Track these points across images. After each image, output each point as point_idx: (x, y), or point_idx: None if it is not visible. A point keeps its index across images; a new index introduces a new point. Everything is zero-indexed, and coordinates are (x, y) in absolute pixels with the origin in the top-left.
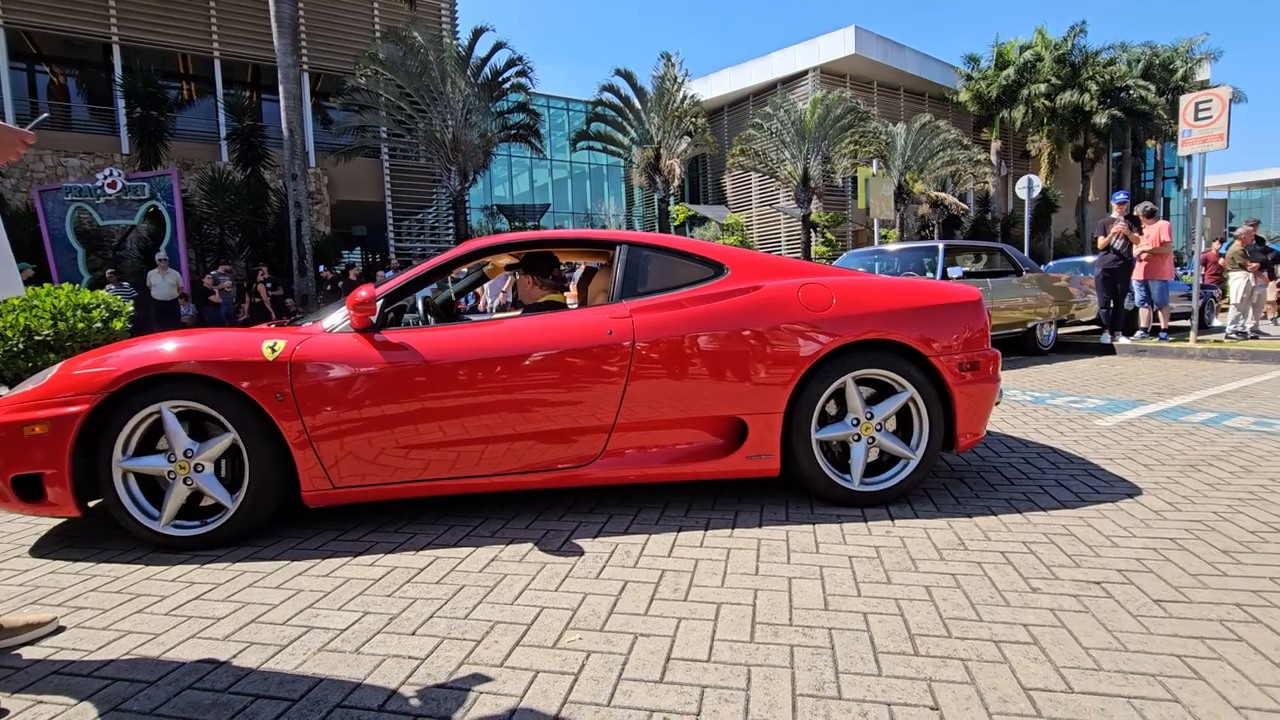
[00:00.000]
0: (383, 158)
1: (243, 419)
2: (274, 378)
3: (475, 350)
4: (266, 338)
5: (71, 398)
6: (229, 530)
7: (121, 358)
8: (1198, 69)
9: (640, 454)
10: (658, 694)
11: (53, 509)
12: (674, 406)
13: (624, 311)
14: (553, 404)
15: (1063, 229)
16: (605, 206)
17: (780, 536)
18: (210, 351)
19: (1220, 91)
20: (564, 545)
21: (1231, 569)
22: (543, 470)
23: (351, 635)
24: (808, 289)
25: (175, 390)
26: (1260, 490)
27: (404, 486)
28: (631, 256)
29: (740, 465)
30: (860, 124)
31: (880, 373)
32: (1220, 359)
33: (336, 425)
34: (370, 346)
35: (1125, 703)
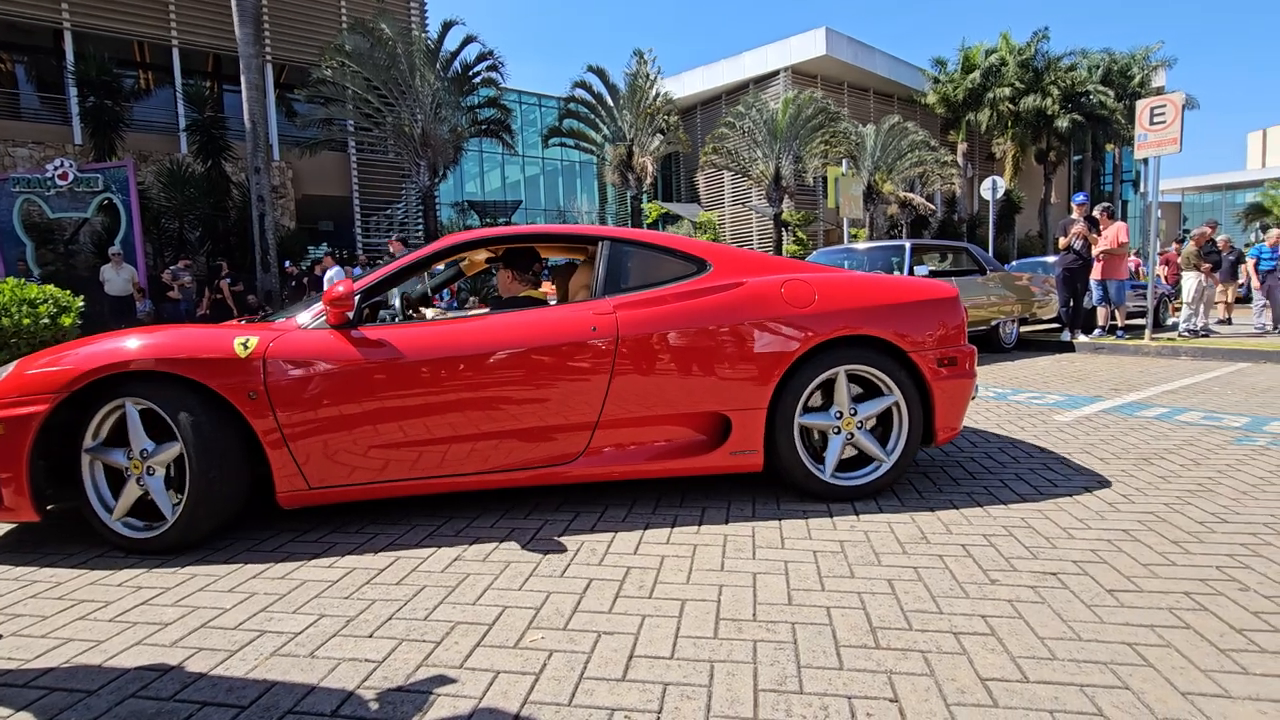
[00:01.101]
0: (350, 152)
1: (207, 418)
2: (246, 375)
3: (457, 347)
4: (238, 334)
5: (30, 397)
6: (178, 535)
7: (82, 355)
8: (1153, 75)
9: (623, 451)
10: (619, 692)
11: (8, 514)
12: (658, 403)
13: (607, 308)
14: (536, 401)
15: (1026, 229)
16: (578, 204)
17: (746, 532)
18: (177, 348)
19: (1174, 97)
20: (529, 543)
21: (1181, 559)
22: (527, 468)
23: (306, 639)
24: (790, 285)
25: (140, 388)
26: (1208, 482)
27: (385, 486)
28: (614, 253)
29: (724, 461)
30: (831, 124)
31: (861, 369)
32: (1173, 356)
33: (313, 424)
34: (348, 343)
35: (1078, 691)
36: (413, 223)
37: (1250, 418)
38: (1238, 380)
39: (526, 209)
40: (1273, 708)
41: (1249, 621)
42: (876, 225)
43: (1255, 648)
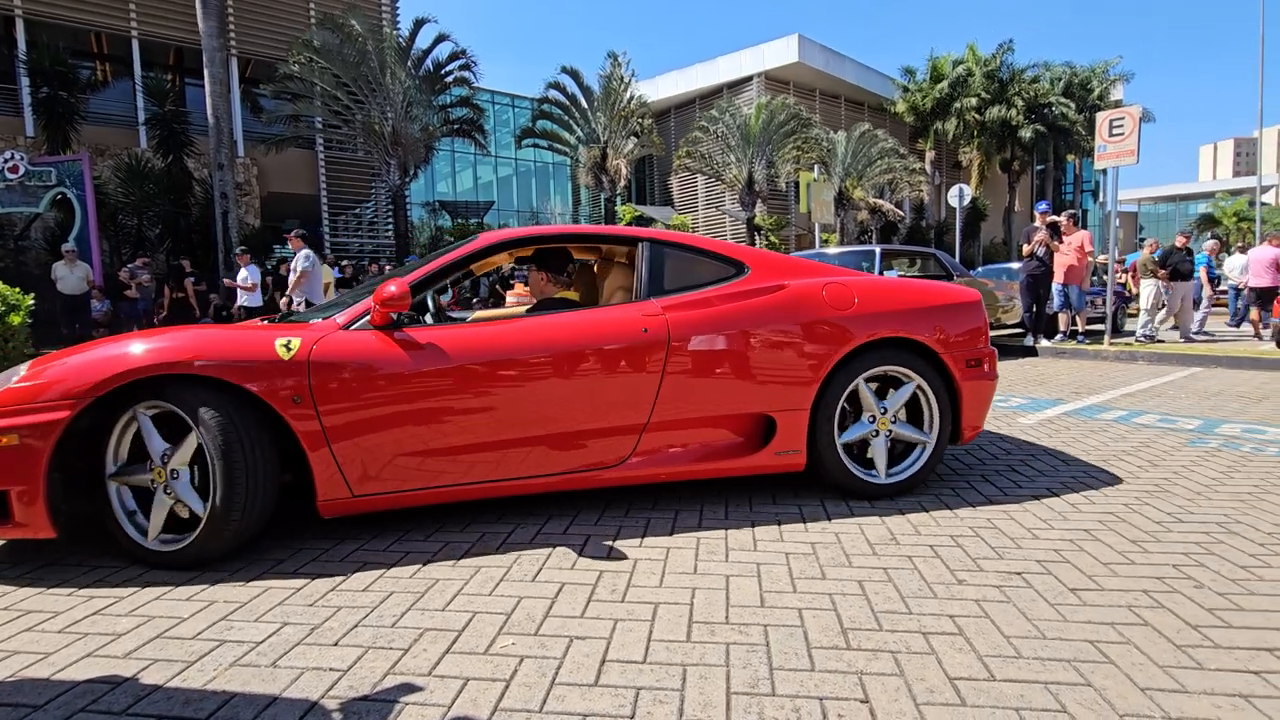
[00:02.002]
0: (318, 149)
1: (243, 424)
2: (290, 379)
3: (507, 349)
4: (277, 334)
5: (50, 402)
6: (206, 546)
7: (111, 355)
8: (1112, 89)
9: (670, 453)
10: (591, 698)
11: (20, 530)
12: (706, 404)
13: (656, 309)
14: (588, 403)
15: (991, 236)
16: (551, 205)
17: (719, 535)
18: (215, 349)
19: (1132, 110)
20: (500, 548)
21: (1139, 557)
22: (576, 471)
23: (268, 648)
24: (831, 288)
25: (169, 393)
26: (1164, 483)
27: (431, 493)
28: (654, 254)
29: (768, 461)
30: (803, 130)
31: (897, 369)
32: (1131, 360)
33: (359, 430)
34: (395, 345)
35: (1043, 689)
36: (382, 222)
37: (1203, 420)
38: (1191, 384)
39: (499, 210)
40: (1226, 702)
41: (1204, 618)
42: (847, 230)
43: (1210, 643)
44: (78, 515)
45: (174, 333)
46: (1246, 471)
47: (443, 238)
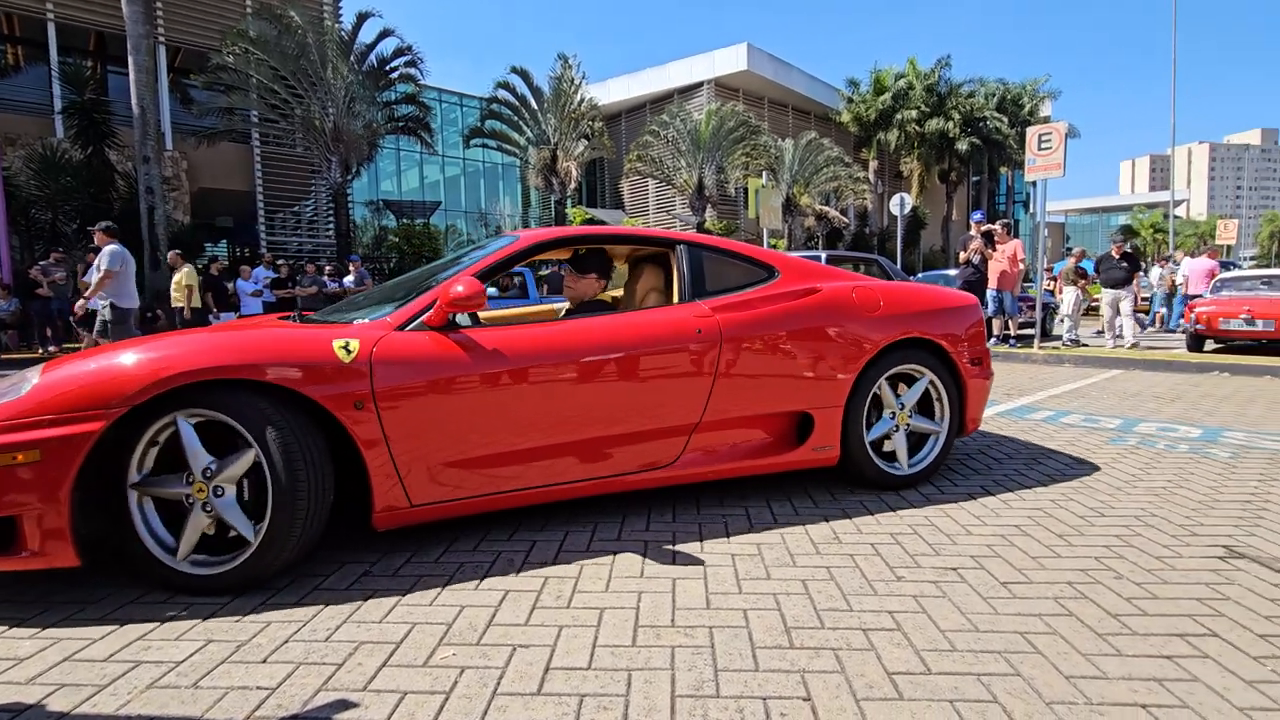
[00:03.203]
0: (253, 144)
1: (298, 431)
2: (351, 382)
3: (566, 349)
4: (333, 335)
5: (78, 413)
6: (256, 567)
7: (152, 359)
8: (1041, 105)
9: (717, 451)
10: (534, 707)
11: (36, 560)
12: (752, 403)
13: (705, 310)
14: (645, 404)
15: (930, 244)
16: (500, 206)
17: (666, 537)
18: (268, 350)
19: (1059, 126)
20: (442, 556)
21: (1065, 551)
22: (631, 472)
23: (189, 668)
24: (859, 291)
25: (219, 401)
26: (1088, 479)
27: (489, 499)
28: (693, 257)
29: (806, 457)
30: (752, 137)
31: (914, 368)
32: (1058, 363)
33: (421, 436)
34: (455, 346)
35: (975, 680)
36: (323, 221)
37: (1122, 419)
38: (1112, 385)
39: (446, 210)
40: (1143, 686)
41: (1123, 607)
42: (794, 236)
43: (1128, 631)
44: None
45: (212, 334)
46: (1161, 467)
47: (386, 238)
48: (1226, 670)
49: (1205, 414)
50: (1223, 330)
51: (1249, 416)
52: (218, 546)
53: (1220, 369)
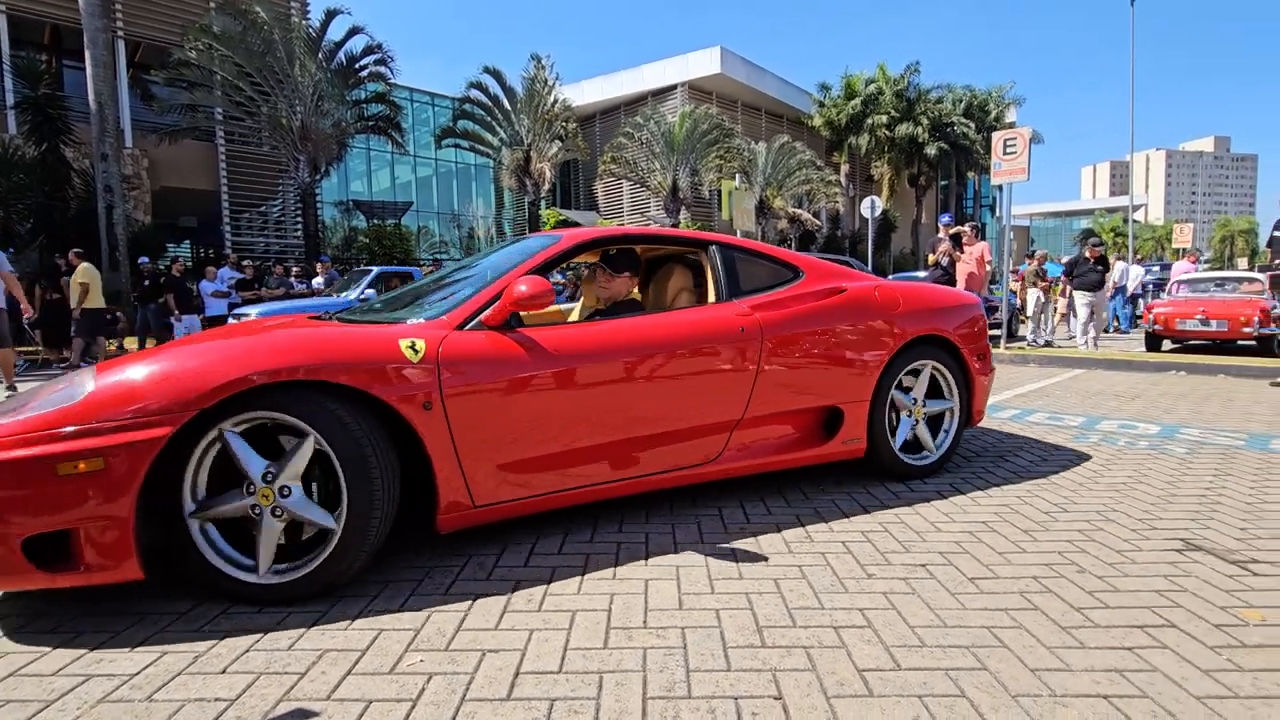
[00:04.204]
0: (218, 142)
1: (367, 433)
2: (420, 383)
3: (621, 348)
4: (398, 334)
5: (144, 418)
6: (328, 575)
7: (219, 359)
8: (1007, 112)
9: (755, 446)
10: (503, 712)
11: (98, 575)
12: (789, 399)
13: (745, 309)
14: (697, 401)
15: (900, 247)
16: (474, 208)
17: (639, 539)
18: (337, 350)
19: (1023, 131)
20: (411, 562)
21: (1030, 546)
22: (684, 468)
23: (143, 680)
24: (882, 290)
25: (281, 403)
26: (1053, 476)
27: (547, 499)
28: (726, 257)
29: (837, 449)
30: (725, 140)
31: (930, 362)
32: (1024, 363)
33: (485, 436)
34: (515, 345)
35: (944, 675)
36: (290, 221)
37: (1085, 417)
38: (1075, 385)
39: (418, 210)
40: (1104, 677)
41: (1085, 600)
42: (767, 238)
43: (1090, 624)
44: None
45: (271, 333)
46: (1121, 464)
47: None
48: (1184, 660)
49: (1163, 411)
50: (1179, 330)
51: (1205, 414)
52: (289, 552)
53: (1177, 368)
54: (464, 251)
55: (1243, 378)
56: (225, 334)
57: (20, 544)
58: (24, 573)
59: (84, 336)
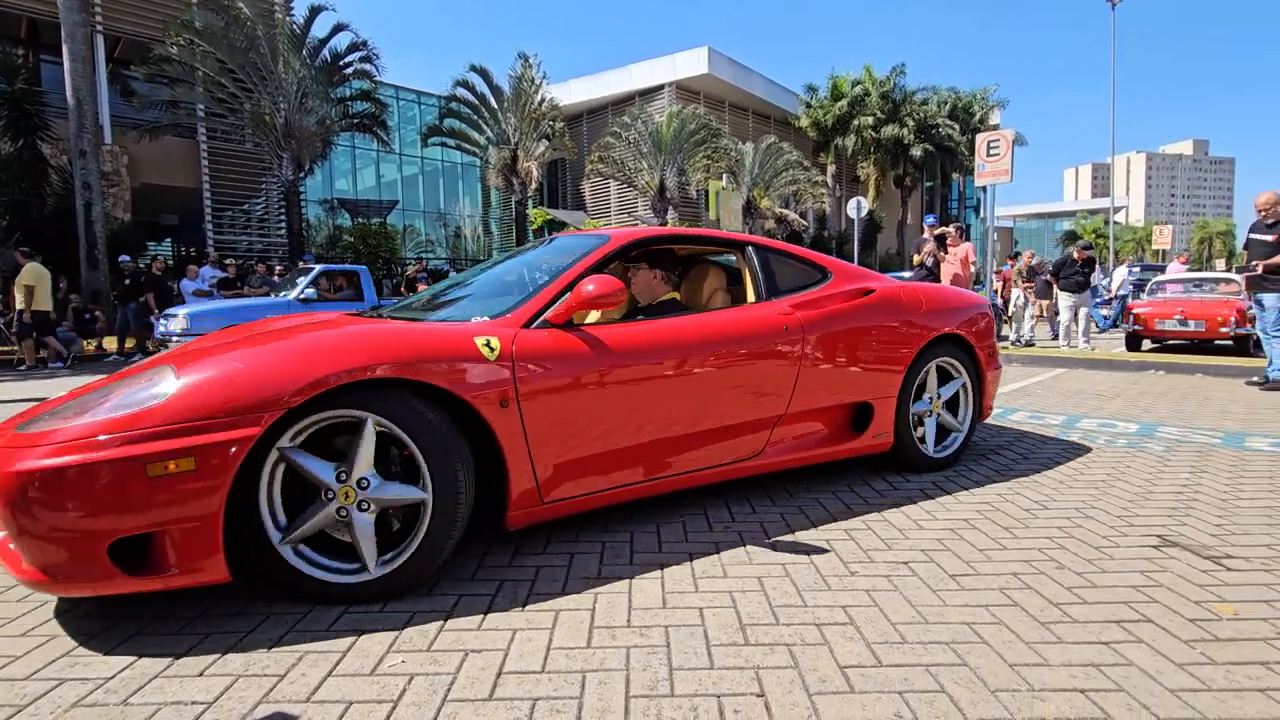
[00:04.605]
0: (200, 139)
1: (449, 432)
2: (497, 380)
3: (681, 346)
4: (472, 331)
5: (231, 417)
6: (410, 575)
7: (308, 358)
8: (991, 114)
9: (793, 441)
10: (485, 712)
11: (185, 578)
12: (826, 395)
13: (787, 308)
14: (747, 397)
15: (886, 247)
16: (460, 207)
17: (623, 539)
18: (419, 347)
19: (1006, 133)
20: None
21: (1010, 543)
22: (731, 463)
23: (118, 684)
24: (905, 291)
25: (359, 402)
26: (1033, 473)
27: (608, 494)
28: (763, 258)
29: (868, 443)
30: (713, 140)
31: (947, 360)
32: (1006, 362)
33: (555, 433)
34: (580, 343)
35: (924, 671)
36: (274, 220)
37: (1066, 416)
38: (1056, 384)
39: (404, 209)
40: (1081, 672)
41: (1064, 596)
42: None
43: (1069, 619)
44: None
45: (349, 330)
46: (1101, 462)
47: (341, 237)
48: (1159, 654)
49: (1142, 410)
50: (1158, 330)
51: (1183, 412)
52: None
53: (1157, 368)
54: (451, 251)
55: (1219, 377)
56: (295, 332)
57: (107, 548)
58: (110, 578)
59: (29, 337)
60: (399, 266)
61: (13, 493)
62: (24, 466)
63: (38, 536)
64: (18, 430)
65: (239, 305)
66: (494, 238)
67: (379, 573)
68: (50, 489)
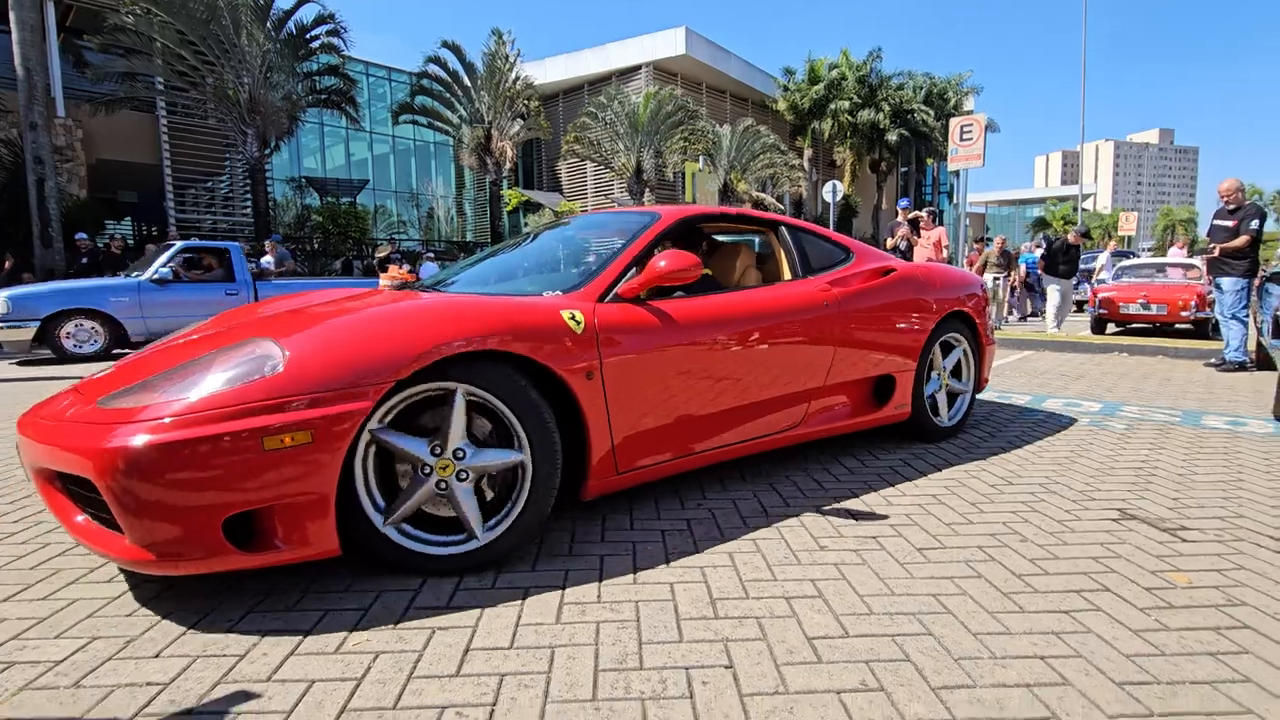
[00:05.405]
0: (159, 113)
1: (545, 404)
2: (584, 353)
3: (740, 319)
4: (557, 305)
5: (344, 390)
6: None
7: (413, 328)
8: (965, 100)
9: (825, 414)
10: (451, 689)
11: (298, 552)
12: (857, 367)
13: (823, 284)
14: (795, 369)
15: (861, 232)
16: (433, 187)
17: (596, 518)
18: (515, 320)
19: (979, 117)
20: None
21: (976, 517)
22: (777, 432)
23: (69, 667)
24: (921, 270)
25: (454, 374)
26: (1001, 450)
27: (675, 463)
28: (795, 238)
29: (890, 413)
30: (690, 122)
31: (953, 334)
32: None
33: (632, 405)
34: (652, 317)
35: (890, 640)
36: (239, 198)
37: (1032, 395)
38: (1023, 365)
39: (375, 189)
40: (1042, 639)
41: (1026, 568)
42: None
43: (1030, 590)
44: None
45: (446, 302)
46: (1065, 439)
47: (310, 217)
48: (1116, 621)
49: (1105, 390)
50: (1123, 314)
51: (1144, 392)
52: (447, 525)
53: (1120, 349)
54: (423, 232)
55: (1179, 358)
56: (390, 300)
57: (222, 523)
58: (223, 554)
59: None
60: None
61: (120, 469)
62: (134, 442)
63: (150, 514)
64: (101, 405)
65: (71, 288)
66: (468, 219)
67: (486, 539)
68: (167, 464)
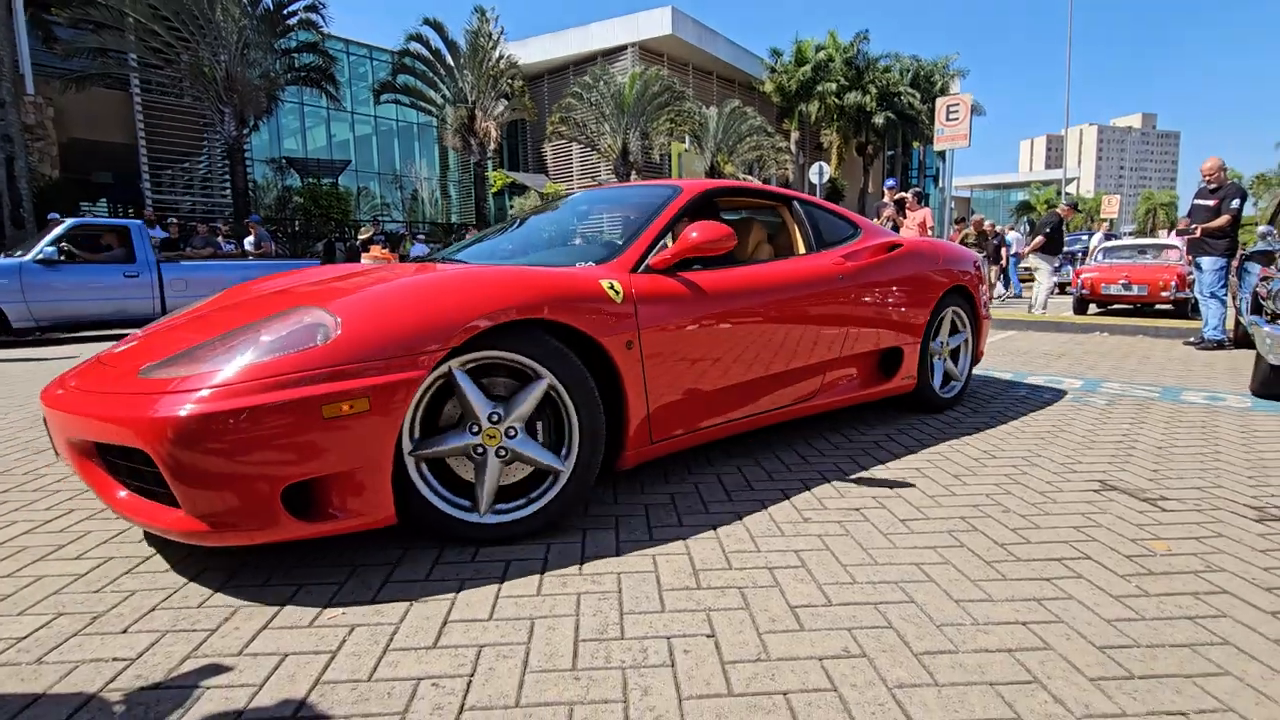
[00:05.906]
0: (133, 91)
1: (587, 373)
2: (623, 323)
3: (768, 290)
4: (596, 274)
5: (399, 358)
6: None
7: (480, 295)
8: (951, 83)
9: (839, 385)
10: (428, 660)
11: (351, 522)
12: (868, 340)
13: (837, 258)
14: (815, 340)
15: None
16: (416, 168)
17: None
18: (558, 288)
19: (965, 97)
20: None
21: (959, 489)
22: (798, 402)
23: (32, 643)
24: (925, 245)
25: (505, 344)
26: (983, 426)
27: (704, 432)
28: (808, 213)
29: (898, 384)
30: (676, 103)
31: (953, 308)
32: None
33: (667, 374)
34: (683, 288)
35: (873, 608)
36: (218, 179)
37: (1015, 373)
38: (1007, 344)
39: (356, 170)
40: (1024, 606)
41: (1008, 537)
42: None
43: (1012, 558)
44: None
45: (499, 269)
46: (1047, 414)
47: (291, 198)
48: (1097, 588)
49: (1087, 368)
50: (1104, 294)
51: (1124, 369)
52: (506, 493)
53: (1102, 329)
54: (407, 214)
55: (1159, 337)
56: (426, 270)
57: (280, 492)
58: (282, 523)
59: None
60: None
61: (179, 439)
62: (195, 410)
63: (209, 484)
64: (143, 375)
65: None
66: (453, 201)
67: (488, 519)
68: (230, 432)
